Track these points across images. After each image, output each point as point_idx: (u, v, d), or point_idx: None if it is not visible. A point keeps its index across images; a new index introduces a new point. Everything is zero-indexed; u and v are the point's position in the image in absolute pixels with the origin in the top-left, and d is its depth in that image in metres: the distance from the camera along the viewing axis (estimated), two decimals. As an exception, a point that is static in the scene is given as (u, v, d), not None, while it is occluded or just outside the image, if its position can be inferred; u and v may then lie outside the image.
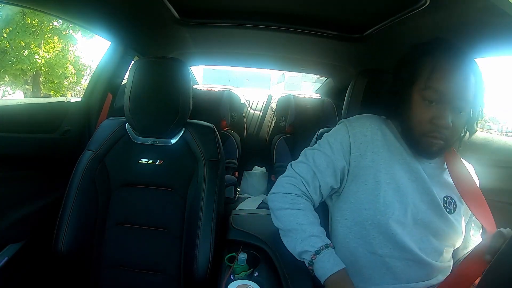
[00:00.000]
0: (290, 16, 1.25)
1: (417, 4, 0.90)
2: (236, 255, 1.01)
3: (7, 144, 1.08)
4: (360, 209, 0.74)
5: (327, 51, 1.70)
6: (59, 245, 0.96)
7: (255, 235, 1.15)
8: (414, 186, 0.74)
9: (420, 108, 0.71)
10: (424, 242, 0.73)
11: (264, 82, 5.79)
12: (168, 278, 1.03)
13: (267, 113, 2.83)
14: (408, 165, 0.75)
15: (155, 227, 1.05)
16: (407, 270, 0.72)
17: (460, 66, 0.69)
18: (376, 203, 0.72)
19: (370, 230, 0.73)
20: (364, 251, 0.74)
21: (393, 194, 0.72)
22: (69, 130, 1.28)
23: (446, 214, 0.74)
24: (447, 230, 0.74)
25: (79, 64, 9.34)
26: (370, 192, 0.73)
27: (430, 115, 0.69)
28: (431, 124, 0.69)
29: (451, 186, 0.76)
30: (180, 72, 1.05)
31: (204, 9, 1.25)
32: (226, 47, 1.83)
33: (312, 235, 0.71)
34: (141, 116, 1.05)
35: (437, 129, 0.69)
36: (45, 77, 8.89)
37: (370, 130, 0.77)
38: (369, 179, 0.74)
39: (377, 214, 0.72)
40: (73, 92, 10.42)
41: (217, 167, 1.05)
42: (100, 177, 1.05)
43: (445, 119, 0.67)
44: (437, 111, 0.68)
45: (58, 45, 8.59)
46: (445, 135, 0.69)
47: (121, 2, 1.09)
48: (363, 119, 0.81)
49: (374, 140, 0.76)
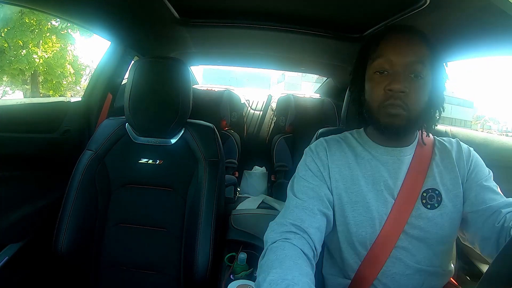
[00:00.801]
0: (291, 16, 1.25)
1: (417, 4, 0.90)
2: (236, 255, 1.02)
3: (7, 144, 1.08)
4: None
5: (327, 51, 1.70)
6: (59, 245, 0.96)
7: (255, 235, 1.15)
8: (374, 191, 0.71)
9: (374, 81, 0.69)
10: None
11: (264, 82, 5.80)
12: (168, 278, 1.03)
13: (267, 113, 2.83)
14: (373, 170, 0.73)
15: (155, 227, 1.05)
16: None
17: (406, 34, 0.69)
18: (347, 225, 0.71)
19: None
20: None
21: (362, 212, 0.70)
22: (69, 130, 1.28)
23: (425, 212, 0.69)
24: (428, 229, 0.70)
25: (78, 64, 9.27)
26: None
27: (383, 84, 0.67)
28: (385, 92, 0.66)
29: (435, 176, 0.72)
30: (180, 72, 1.05)
31: (204, 9, 1.25)
32: (226, 47, 1.83)
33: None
34: (141, 116, 1.05)
35: (392, 94, 0.65)
36: (43, 77, 8.82)
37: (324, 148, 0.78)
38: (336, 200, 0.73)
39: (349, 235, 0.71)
40: (72, 92, 10.38)
41: (217, 167, 1.05)
42: (100, 177, 1.05)
43: (398, 83, 0.65)
44: (390, 77, 0.66)
45: (56, 45, 8.52)
46: (403, 102, 0.65)
47: (121, 2, 1.08)
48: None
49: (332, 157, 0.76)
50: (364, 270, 0.70)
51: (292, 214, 0.68)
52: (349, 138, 0.80)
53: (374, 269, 0.69)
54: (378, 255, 0.69)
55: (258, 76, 5.53)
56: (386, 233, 0.69)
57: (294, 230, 0.65)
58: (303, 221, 0.66)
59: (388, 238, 0.69)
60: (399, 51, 0.67)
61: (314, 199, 0.70)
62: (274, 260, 0.58)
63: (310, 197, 0.70)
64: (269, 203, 1.82)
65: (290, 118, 2.38)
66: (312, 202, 0.69)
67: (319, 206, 0.69)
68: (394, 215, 0.69)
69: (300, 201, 0.69)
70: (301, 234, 0.64)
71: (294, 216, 0.67)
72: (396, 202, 0.70)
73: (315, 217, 0.67)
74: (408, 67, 0.66)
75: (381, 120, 0.68)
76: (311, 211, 0.68)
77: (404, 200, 0.70)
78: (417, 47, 0.68)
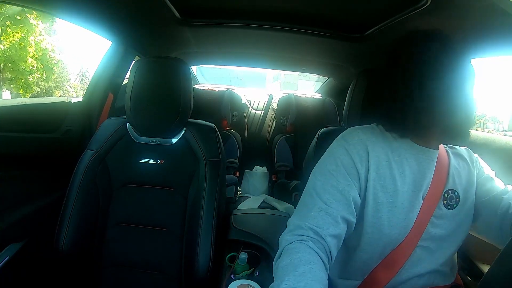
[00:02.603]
0: (292, 15, 1.25)
1: (418, 4, 0.90)
2: (237, 254, 1.02)
3: (8, 143, 1.08)
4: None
5: (328, 51, 1.70)
6: (60, 244, 0.96)
7: (256, 234, 1.15)
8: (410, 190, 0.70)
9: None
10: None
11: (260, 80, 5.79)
12: (169, 277, 1.03)
13: (268, 113, 2.84)
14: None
15: (156, 226, 1.05)
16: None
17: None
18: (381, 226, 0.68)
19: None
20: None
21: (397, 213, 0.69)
22: (70, 130, 1.28)
23: (446, 212, 0.71)
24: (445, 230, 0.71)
25: (48, 58, 7.90)
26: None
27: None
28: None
29: (454, 178, 0.73)
30: (181, 72, 1.05)
31: (205, 9, 1.25)
32: (227, 47, 1.83)
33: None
34: (142, 116, 1.05)
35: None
36: (9, 74, 7.49)
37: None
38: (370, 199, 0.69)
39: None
40: (38, 89, 8.74)
41: (218, 167, 1.05)
42: (101, 176, 1.05)
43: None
44: None
45: (16, 35, 7.11)
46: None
47: (122, 2, 1.09)
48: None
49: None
50: (379, 272, 0.71)
51: (313, 218, 0.64)
52: (383, 131, 0.74)
53: (389, 271, 0.70)
54: (398, 257, 0.69)
55: (254, 75, 5.52)
56: (411, 234, 0.69)
57: (312, 235, 0.63)
58: (323, 228, 0.63)
59: (412, 238, 0.69)
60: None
61: (340, 204, 0.66)
62: (289, 265, 0.57)
63: (336, 200, 0.66)
64: (270, 203, 1.82)
65: (291, 118, 2.38)
66: (337, 208, 0.65)
67: (344, 212, 0.66)
68: (421, 215, 0.69)
69: (324, 205, 0.65)
70: (318, 239, 0.63)
71: (314, 221, 0.64)
72: (424, 203, 0.70)
73: (337, 225, 0.64)
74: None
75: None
76: (334, 219, 0.64)
77: (430, 200, 0.70)
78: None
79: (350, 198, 0.67)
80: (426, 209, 0.69)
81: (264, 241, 1.11)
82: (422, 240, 0.69)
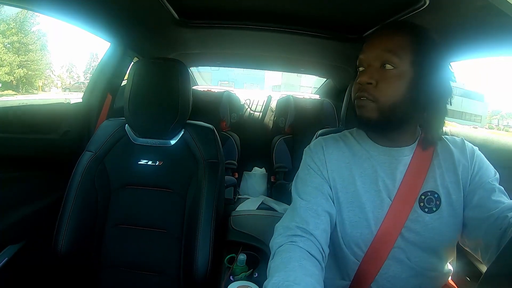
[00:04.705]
0: (290, 17, 1.25)
1: (417, 5, 0.90)
2: (236, 256, 1.01)
3: (7, 144, 1.08)
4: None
5: (327, 52, 1.71)
6: (59, 245, 0.96)
7: (255, 236, 1.15)
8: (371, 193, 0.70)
9: (356, 78, 0.71)
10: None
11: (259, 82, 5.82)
12: (168, 279, 1.03)
13: (267, 114, 2.84)
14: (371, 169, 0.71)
15: (154, 228, 1.05)
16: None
17: (385, 28, 0.69)
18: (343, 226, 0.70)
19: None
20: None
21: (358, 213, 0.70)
22: (69, 131, 1.28)
23: (422, 216, 0.67)
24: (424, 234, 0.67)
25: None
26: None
27: (358, 79, 0.69)
28: (356, 86, 0.69)
29: (436, 178, 0.69)
30: (179, 73, 1.05)
31: (204, 10, 1.26)
32: (225, 48, 1.84)
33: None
34: (141, 117, 1.05)
35: (360, 87, 0.67)
36: None
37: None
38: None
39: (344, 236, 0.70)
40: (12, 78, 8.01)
41: (217, 168, 1.05)
42: (99, 178, 1.05)
43: (364, 76, 0.66)
44: (361, 73, 0.69)
45: None
46: (370, 94, 0.65)
47: (121, 3, 1.09)
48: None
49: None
50: (362, 271, 0.70)
51: (297, 216, 0.67)
52: (348, 137, 0.79)
53: (372, 271, 0.69)
54: (375, 257, 0.69)
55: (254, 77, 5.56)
56: (383, 235, 0.68)
57: (300, 233, 0.64)
58: (308, 223, 0.65)
59: (386, 240, 0.68)
60: (371, 43, 0.68)
61: (319, 198, 0.69)
62: (279, 264, 0.58)
63: (314, 197, 0.69)
64: (268, 204, 1.82)
65: (289, 119, 2.38)
66: (316, 202, 0.68)
67: (324, 205, 0.68)
68: (390, 216, 0.68)
69: (304, 202, 0.69)
70: (307, 237, 0.64)
71: (299, 219, 0.66)
72: (393, 204, 0.68)
73: (320, 218, 0.66)
74: (378, 58, 0.66)
75: (357, 114, 0.70)
76: (315, 212, 0.67)
77: (401, 202, 0.68)
78: (391, 38, 0.66)
79: (326, 192, 0.70)
80: (398, 212, 0.68)
81: (263, 242, 1.11)
82: (398, 243, 0.68)
